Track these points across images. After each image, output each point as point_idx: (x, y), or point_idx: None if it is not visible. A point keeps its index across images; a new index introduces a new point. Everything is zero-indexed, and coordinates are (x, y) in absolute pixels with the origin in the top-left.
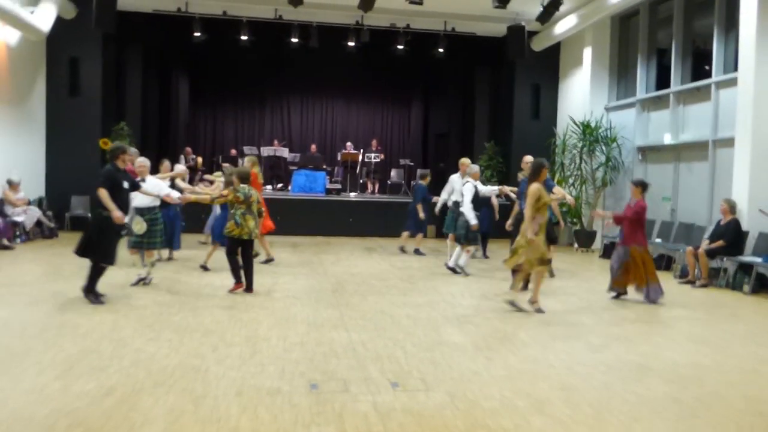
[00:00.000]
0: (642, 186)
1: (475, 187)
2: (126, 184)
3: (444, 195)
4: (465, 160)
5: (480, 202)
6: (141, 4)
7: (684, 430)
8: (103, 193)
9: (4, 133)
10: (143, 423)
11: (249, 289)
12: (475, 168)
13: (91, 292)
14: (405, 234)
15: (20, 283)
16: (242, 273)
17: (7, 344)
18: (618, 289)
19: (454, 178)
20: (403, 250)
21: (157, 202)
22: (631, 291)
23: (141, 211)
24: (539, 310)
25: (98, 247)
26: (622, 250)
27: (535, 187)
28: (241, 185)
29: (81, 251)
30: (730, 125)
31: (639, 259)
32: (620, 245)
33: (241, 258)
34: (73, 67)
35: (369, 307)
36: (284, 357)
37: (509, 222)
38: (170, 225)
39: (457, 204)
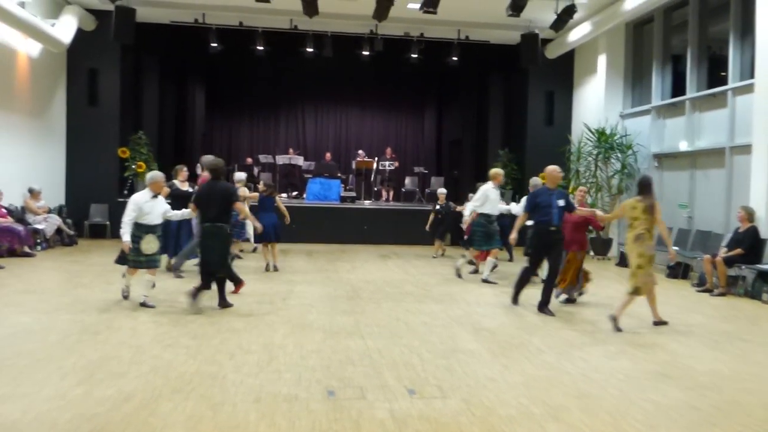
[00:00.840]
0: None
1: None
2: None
3: (472, 205)
4: (499, 171)
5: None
6: (159, 16)
7: None
8: None
9: (25, 142)
10: (163, 428)
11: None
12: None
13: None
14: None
15: (41, 290)
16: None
17: (30, 350)
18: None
19: (489, 189)
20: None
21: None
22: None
23: (153, 229)
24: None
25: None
26: None
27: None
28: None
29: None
30: (747, 132)
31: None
32: None
33: None
34: (92, 78)
35: (384, 314)
36: (301, 364)
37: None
38: (175, 235)
39: (487, 216)
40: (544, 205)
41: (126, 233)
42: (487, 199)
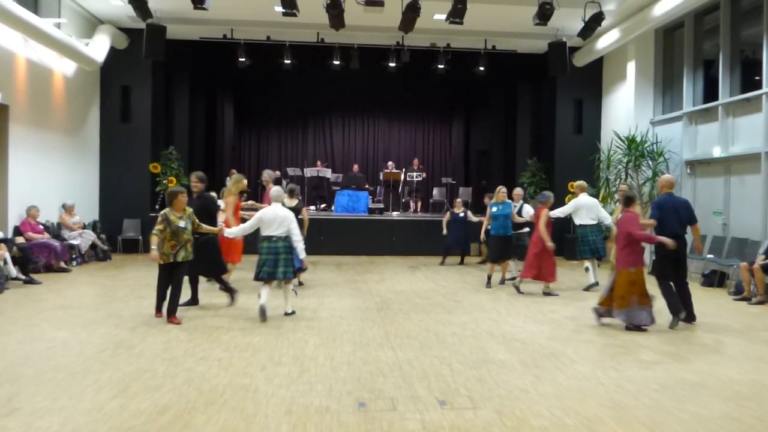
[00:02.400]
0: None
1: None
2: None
3: (563, 212)
4: (582, 183)
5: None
6: (188, 33)
7: None
8: None
9: (61, 159)
10: None
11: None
12: (517, 190)
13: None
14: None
15: (77, 305)
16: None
17: (66, 364)
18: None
19: (585, 199)
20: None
21: None
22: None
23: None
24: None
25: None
26: None
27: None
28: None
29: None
30: None
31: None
32: None
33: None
34: (125, 95)
35: (414, 325)
36: (332, 376)
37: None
38: None
39: (584, 226)
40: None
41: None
42: (579, 207)
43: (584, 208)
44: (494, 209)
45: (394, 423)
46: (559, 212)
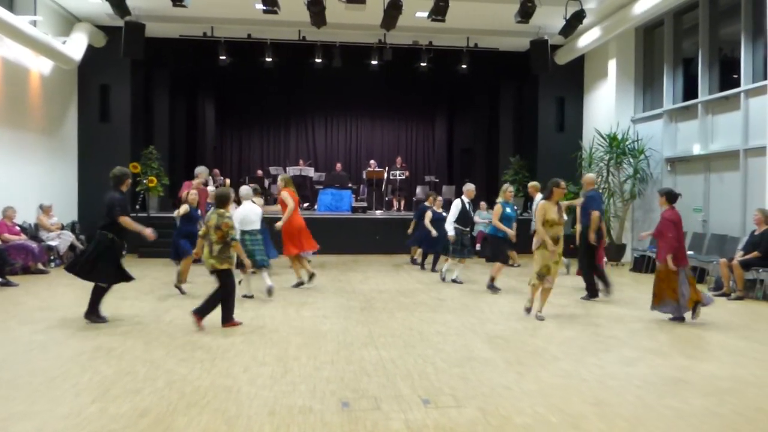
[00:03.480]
0: (667, 196)
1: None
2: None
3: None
4: (536, 184)
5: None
6: (168, 31)
7: None
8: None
9: (38, 160)
10: None
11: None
12: (470, 187)
13: (93, 313)
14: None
15: (55, 308)
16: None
17: (44, 368)
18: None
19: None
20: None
21: None
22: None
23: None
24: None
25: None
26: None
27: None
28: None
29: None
30: (761, 133)
31: (662, 274)
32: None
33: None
34: (103, 94)
35: (398, 324)
36: (315, 376)
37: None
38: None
39: None
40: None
41: None
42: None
43: None
44: (508, 209)
45: (378, 422)
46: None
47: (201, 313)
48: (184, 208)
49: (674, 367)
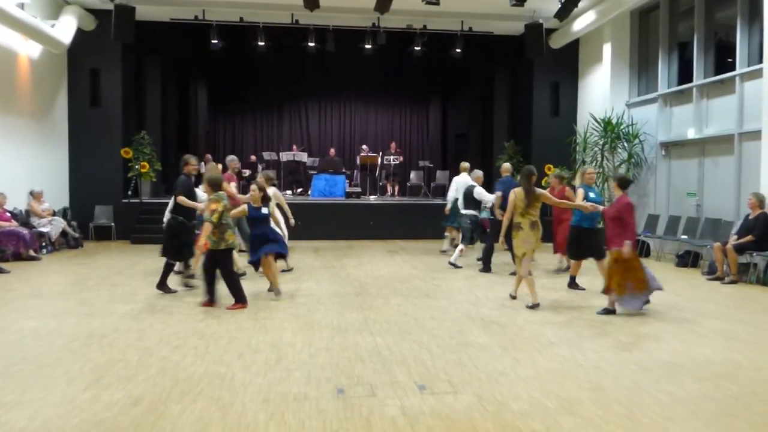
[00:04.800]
0: (619, 182)
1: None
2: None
3: None
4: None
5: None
6: (159, 14)
7: (722, 429)
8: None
9: (28, 145)
10: (172, 431)
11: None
12: (479, 173)
13: (163, 285)
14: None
15: (47, 294)
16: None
17: (36, 355)
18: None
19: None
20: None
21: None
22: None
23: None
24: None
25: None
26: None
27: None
28: (219, 193)
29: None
30: (756, 117)
31: (625, 263)
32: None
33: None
34: (93, 79)
35: (393, 310)
36: (310, 362)
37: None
38: None
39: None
40: None
41: None
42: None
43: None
44: (592, 194)
45: (373, 409)
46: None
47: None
48: (242, 209)
49: (669, 352)
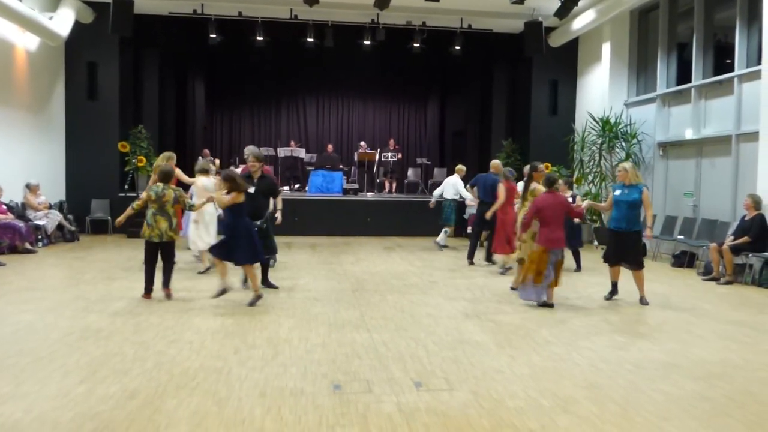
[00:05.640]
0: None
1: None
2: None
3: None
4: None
5: None
6: (157, 7)
7: (716, 428)
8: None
9: (25, 138)
10: (167, 425)
11: (166, 288)
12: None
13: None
14: None
15: (43, 287)
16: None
17: (32, 348)
18: None
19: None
20: None
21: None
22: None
23: None
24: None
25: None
26: None
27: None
28: (157, 184)
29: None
30: (754, 119)
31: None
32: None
33: (162, 260)
34: (91, 72)
35: (389, 306)
36: (306, 358)
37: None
38: None
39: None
40: None
41: None
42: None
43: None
44: (617, 192)
45: (369, 405)
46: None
47: (167, 284)
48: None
49: (665, 352)
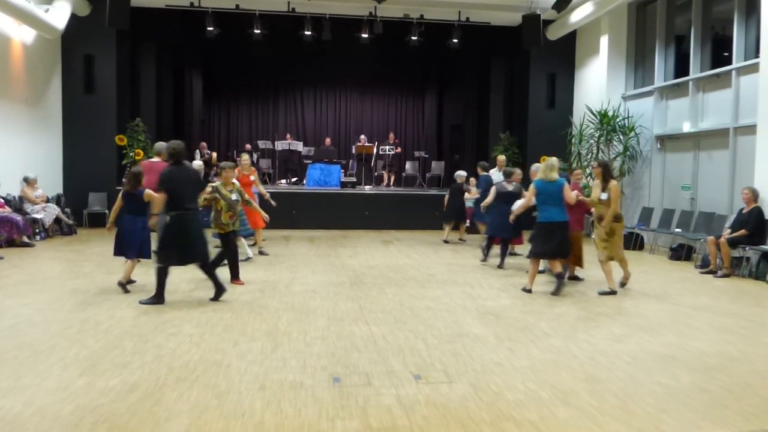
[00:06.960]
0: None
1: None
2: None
3: None
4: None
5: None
6: (154, 0)
7: (714, 420)
8: None
9: (22, 131)
10: (168, 418)
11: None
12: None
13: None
14: None
15: (41, 281)
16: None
17: (31, 342)
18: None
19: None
20: None
21: None
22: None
23: None
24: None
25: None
26: None
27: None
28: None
29: None
30: (752, 112)
31: None
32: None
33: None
34: (88, 65)
35: (388, 299)
36: (306, 351)
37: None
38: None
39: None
40: None
41: None
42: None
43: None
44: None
45: (369, 398)
46: None
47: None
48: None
49: (663, 344)
